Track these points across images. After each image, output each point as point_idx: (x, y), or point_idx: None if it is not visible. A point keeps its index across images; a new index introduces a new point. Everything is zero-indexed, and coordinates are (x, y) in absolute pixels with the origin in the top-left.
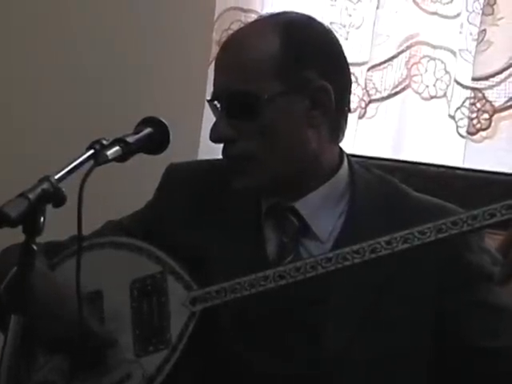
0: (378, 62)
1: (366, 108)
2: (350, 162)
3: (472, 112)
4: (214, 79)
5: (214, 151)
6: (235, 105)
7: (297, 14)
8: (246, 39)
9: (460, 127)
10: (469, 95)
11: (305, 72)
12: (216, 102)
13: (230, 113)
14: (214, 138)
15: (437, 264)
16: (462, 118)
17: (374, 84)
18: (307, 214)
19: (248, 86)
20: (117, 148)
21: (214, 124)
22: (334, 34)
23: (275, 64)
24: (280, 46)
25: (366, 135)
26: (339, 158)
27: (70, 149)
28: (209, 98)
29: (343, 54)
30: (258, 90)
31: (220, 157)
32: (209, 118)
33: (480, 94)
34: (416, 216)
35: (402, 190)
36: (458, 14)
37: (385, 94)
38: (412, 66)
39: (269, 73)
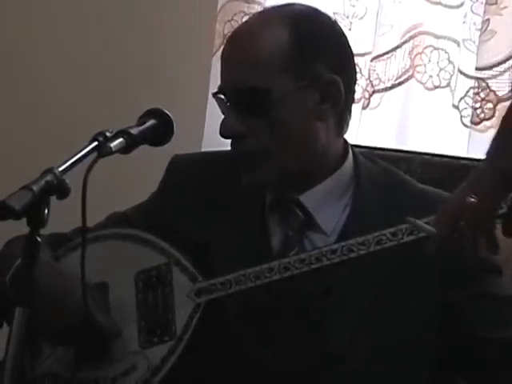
0: (381, 52)
1: (369, 98)
2: (354, 154)
3: (476, 102)
4: (222, 73)
5: (217, 143)
6: (245, 101)
7: (302, 5)
8: (253, 33)
9: (464, 117)
10: (472, 85)
11: (314, 66)
12: (222, 96)
13: (239, 108)
14: (224, 133)
15: (442, 256)
16: (465, 108)
17: (377, 74)
18: (312, 207)
19: (258, 82)
20: (120, 140)
21: (224, 119)
22: (339, 26)
23: (284, 58)
24: (288, 39)
25: (369, 126)
26: (344, 150)
27: (73, 141)
28: (213, 90)
29: (349, 45)
30: (268, 86)
31: (223, 148)
32: (212, 110)
33: (484, 84)
34: (421, 208)
35: (406, 182)
36: (462, 4)
37: (388, 84)
38: (415, 56)
39: (278, 67)
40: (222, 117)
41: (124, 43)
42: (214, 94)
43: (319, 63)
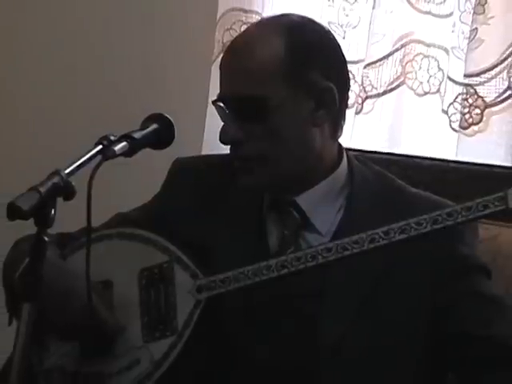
0: (374, 59)
1: (362, 104)
2: (348, 158)
3: (464, 107)
4: (221, 82)
5: (217, 146)
6: (243, 108)
7: (297, 16)
8: (251, 43)
9: (453, 122)
10: (461, 91)
11: (309, 74)
12: (221, 104)
13: (238, 116)
14: (224, 140)
15: (432, 256)
16: (454, 113)
17: (370, 81)
18: (308, 208)
19: (255, 90)
20: (124, 143)
21: (223, 126)
22: (333, 35)
23: (281, 67)
24: (285, 49)
25: (362, 130)
26: (338, 154)
27: (79, 144)
28: (213, 95)
29: (342, 53)
30: (265, 94)
31: (223, 151)
32: (212, 115)
33: (472, 90)
34: (411, 211)
35: (398, 186)
36: (451, 14)
37: (381, 90)
38: (406, 63)
39: (275, 76)
40: (221, 122)
41: (129, 51)
42: (214, 102)
43: (314, 71)
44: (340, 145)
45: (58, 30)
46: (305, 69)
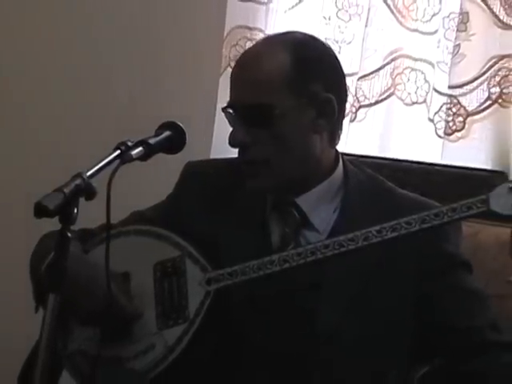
0: (366, 72)
1: (356, 113)
2: (344, 163)
3: (448, 116)
4: (231, 91)
5: (224, 151)
6: (251, 115)
7: (301, 33)
8: (259, 56)
9: (438, 129)
10: (445, 101)
11: (312, 86)
12: (230, 110)
13: (246, 121)
14: (233, 143)
15: (420, 254)
16: (439, 121)
17: (363, 92)
18: (307, 209)
19: (263, 99)
20: (140, 148)
21: (232, 131)
22: (333, 51)
23: (286, 79)
24: (290, 63)
25: (356, 136)
26: (335, 159)
27: (100, 149)
28: (221, 105)
29: (341, 68)
30: (271, 103)
31: (231, 155)
32: (220, 122)
33: (455, 100)
34: (400, 211)
35: (389, 188)
36: (436, 31)
37: (372, 100)
38: (396, 76)
39: (281, 87)
40: (228, 129)
41: (145, 64)
42: (224, 109)
43: (316, 83)
44: (337, 150)
45: (72, 46)
46: (307, 81)
